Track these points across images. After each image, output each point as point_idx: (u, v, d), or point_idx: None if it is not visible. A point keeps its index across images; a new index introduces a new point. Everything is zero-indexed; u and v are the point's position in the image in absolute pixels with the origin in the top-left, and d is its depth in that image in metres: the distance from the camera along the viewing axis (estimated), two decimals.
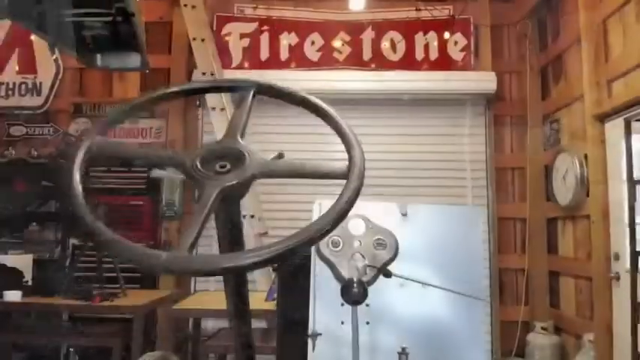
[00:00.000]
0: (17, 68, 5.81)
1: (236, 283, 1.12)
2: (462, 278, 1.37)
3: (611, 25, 4.19)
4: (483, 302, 1.40)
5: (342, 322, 1.27)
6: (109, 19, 3.25)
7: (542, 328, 4.84)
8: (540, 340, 4.79)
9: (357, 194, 0.88)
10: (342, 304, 1.28)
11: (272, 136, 5.12)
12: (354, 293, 1.09)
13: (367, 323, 1.32)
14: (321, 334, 1.31)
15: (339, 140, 1.05)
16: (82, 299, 3.45)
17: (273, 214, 5.07)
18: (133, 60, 3.87)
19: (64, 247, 4.97)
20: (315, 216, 1.35)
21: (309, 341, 1.34)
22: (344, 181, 0.91)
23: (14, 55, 5.85)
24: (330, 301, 1.33)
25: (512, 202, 5.37)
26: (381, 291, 1.29)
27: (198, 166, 0.88)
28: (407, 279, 1.30)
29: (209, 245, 3.51)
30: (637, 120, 3.20)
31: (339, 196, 0.87)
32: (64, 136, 5.22)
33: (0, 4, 2.95)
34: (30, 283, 3.85)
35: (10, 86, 5.77)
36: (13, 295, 3.49)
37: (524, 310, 5.15)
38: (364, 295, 1.09)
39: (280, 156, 1.00)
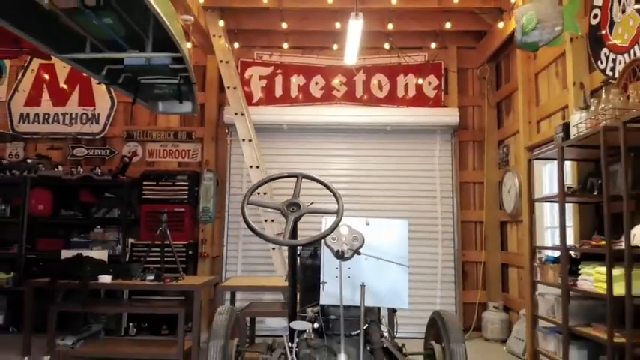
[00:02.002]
0: (78, 101, 7.23)
1: (293, 253, 2.55)
2: (396, 255, 2.76)
3: (540, 78, 5.61)
4: (405, 267, 2.79)
5: (337, 276, 2.67)
6: (176, 81, 4.66)
7: (494, 307, 6.26)
8: (492, 316, 6.22)
9: (341, 219, 2.30)
10: (337, 268, 2.68)
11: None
12: (339, 254, 2.50)
13: (349, 277, 2.69)
14: (326, 282, 2.72)
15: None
16: (156, 280, 4.84)
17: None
18: (186, 106, 5.32)
19: (124, 245, 6.38)
20: (323, 225, 2.76)
21: (321, 287, 2.76)
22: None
23: (76, 90, 7.27)
24: (331, 268, 2.70)
25: (473, 209, 6.81)
26: (356, 262, 2.65)
27: (285, 209, 2.30)
28: (368, 255, 2.68)
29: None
30: (536, 159, 4.60)
31: (334, 220, 2.29)
32: (122, 158, 6.62)
33: (100, 74, 4.35)
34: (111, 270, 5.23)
35: (73, 116, 7.19)
36: (106, 278, 4.87)
37: (481, 293, 6.57)
38: (344, 256, 2.50)
39: (312, 203, 2.42)
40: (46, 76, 7.34)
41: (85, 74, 4.89)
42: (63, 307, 5.15)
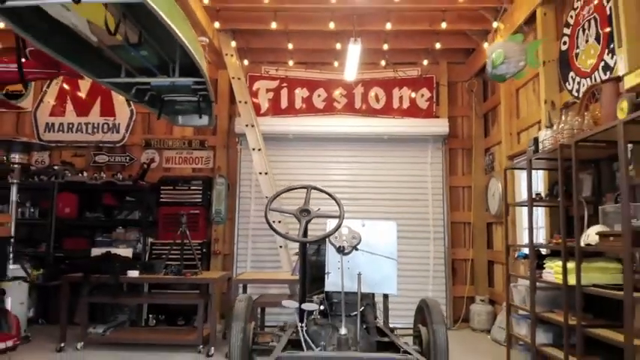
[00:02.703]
0: (100, 112, 7.85)
1: (304, 249, 3.18)
2: (387, 250, 3.38)
3: (520, 94, 6.22)
4: (394, 260, 3.41)
5: (339, 268, 3.29)
6: (195, 99, 5.26)
7: (481, 300, 6.89)
8: (479, 309, 6.84)
9: (341, 223, 2.93)
10: (338, 261, 3.31)
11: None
12: (341, 250, 3.12)
13: (348, 268, 3.30)
14: (330, 272, 3.34)
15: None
16: (177, 275, 5.46)
17: (292, 223, 7.12)
18: (203, 120, 5.91)
19: (144, 244, 6.99)
20: (328, 226, 3.38)
21: (325, 276, 3.38)
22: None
23: (97, 102, 7.89)
24: (334, 262, 3.30)
25: (462, 211, 7.44)
26: (354, 256, 3.25)
27: (299, 214, 2.93)
28: (364, 251, 3.30)
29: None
30: (511, 168, 5.23)
31: (337, 223, 2.91)
32: (141, 164, 7.24)
33: (130, 93, 4.95)
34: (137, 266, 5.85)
35: (95, 125, 7.81)
36: (134, 273, 5.49)
37: (469, 288, 7.20)
38: (344, 251, 3.13)
39: (319, 209, 3.05)
40: (69, 89, 7.94)
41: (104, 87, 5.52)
42: (94, 299, 5.76)
